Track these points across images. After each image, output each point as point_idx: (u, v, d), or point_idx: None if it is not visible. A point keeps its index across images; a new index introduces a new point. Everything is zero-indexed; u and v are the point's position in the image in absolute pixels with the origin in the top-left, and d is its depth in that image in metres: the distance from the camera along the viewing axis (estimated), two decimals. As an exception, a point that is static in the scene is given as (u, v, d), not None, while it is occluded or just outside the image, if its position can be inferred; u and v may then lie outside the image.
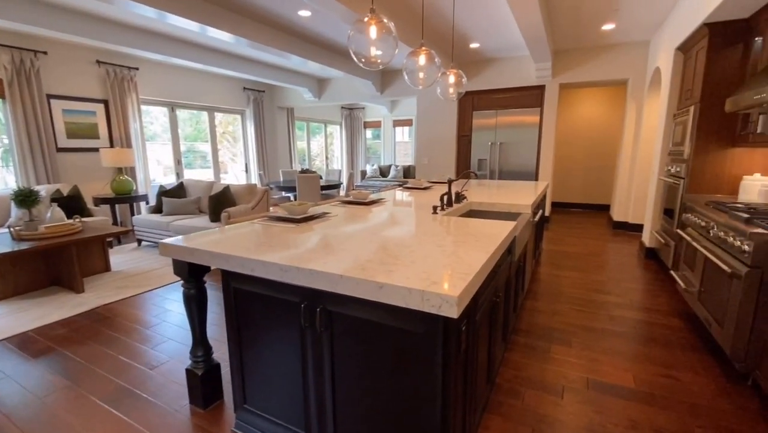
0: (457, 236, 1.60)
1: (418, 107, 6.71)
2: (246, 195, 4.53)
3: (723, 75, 3.05)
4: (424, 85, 2.93)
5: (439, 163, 6.77)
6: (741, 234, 1.94)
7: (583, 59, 5.50)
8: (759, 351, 1.84)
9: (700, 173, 3.23)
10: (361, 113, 10.87)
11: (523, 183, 4.14)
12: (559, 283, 3.46)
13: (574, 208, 7.64)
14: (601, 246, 4.75)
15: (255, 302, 1.44)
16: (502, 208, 2.70)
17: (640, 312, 2.83)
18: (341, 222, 1.94)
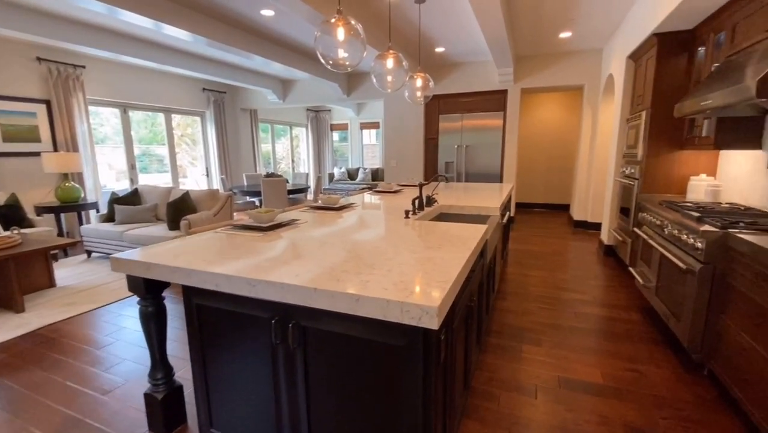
0: (432, 241, 1.58)
1: (385, 110, 6.71)
2: (207, 201, 4.32)
3: (671, 82, 3.26)
4: (392, 89, 2.91)
5: (407, 166, 6.80)
6: (694, 232, 2.05)
7: (542, 65, 5.71)
8: (713, 342, 1.95)
9: (652, 174, 3.42)
10: (327, 115, 10.75)
11: (490, 185, 4.22)
12: (527, 282, 3.54)
13: (536, 208, 7.93)
14: (564, 245, 4.94)
15: (220, 318, 1.34)
16: (472, 210, 2.72)
17: (602, 308, 2.95)
18: (311, 229, 1.87)
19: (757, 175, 2.60)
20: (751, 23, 2.27)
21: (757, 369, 1.58)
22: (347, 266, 1.25)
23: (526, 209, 7.88)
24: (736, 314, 1.78)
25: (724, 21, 2.59)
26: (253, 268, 1.24)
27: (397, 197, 3.18)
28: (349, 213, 2.39)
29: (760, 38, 2.15)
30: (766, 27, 2.10)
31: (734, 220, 2.01)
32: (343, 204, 2.68)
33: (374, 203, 2.84)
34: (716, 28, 2.72)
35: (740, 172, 2.83)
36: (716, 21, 2.71)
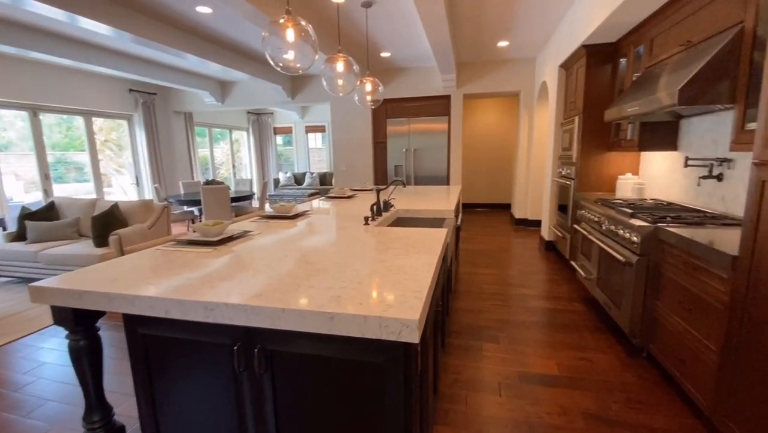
0: (398, 249, 1.55)
1: (332, 114, 6.61)
2: (140, 213, 3.93)
3: (599, 90, 3.56)
4: (343, 92, 2.86)
5: (357, 170, 6.75)
6: (629, 228, 2.24)
7: (482, 72, 5.98)
8: (651, 327, 2.14)
9: (586, 174, 3.72)
10: (270, 119, 10.36)
11: (440, 188, 4.31)
12: (479, 280, 3.66)
13: (480, 208, 8.28)
14: (508, 242, 5.19)
15: (172, 348, 1.19)
16: (428, 214, 2.75)
17: (549, 301, 3.12)
18: (267, 241, 1.76)
19: (674, 174, 2.92)
20: (666, 38, 2.55)
21: (690, 349, 1.76)
22: (314, 281, 1.17)
23: (471, 209, 8.20)
24: (669, 300, 1.96)
25: (643, 35, 2.88)
26: (207, 289, 1.12)
27: (351, 203, 3.12)
28: (305, 221, 2.29)
29: (674, 51, 2.41)
30: (679, 42, 2.36)
31: (661, 215, 2.23)
32: (297, 212, 2.56)
33: (329, 210, 2.76)
34: (636, 42, 3.02)
35: (660, 171, 3.16)
36: (636, 35, 3.01)
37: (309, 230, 2.02)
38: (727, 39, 1.88)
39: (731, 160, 2.29)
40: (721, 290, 1.56)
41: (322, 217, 2.45)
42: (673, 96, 2.00)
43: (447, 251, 2.05)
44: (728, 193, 2.32)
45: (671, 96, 2.02)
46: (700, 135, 2.60)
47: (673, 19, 2.46)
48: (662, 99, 2.13)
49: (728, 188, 2.32)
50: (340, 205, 3.02)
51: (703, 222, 2.04)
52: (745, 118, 1.84)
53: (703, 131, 2.57)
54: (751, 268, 1.38)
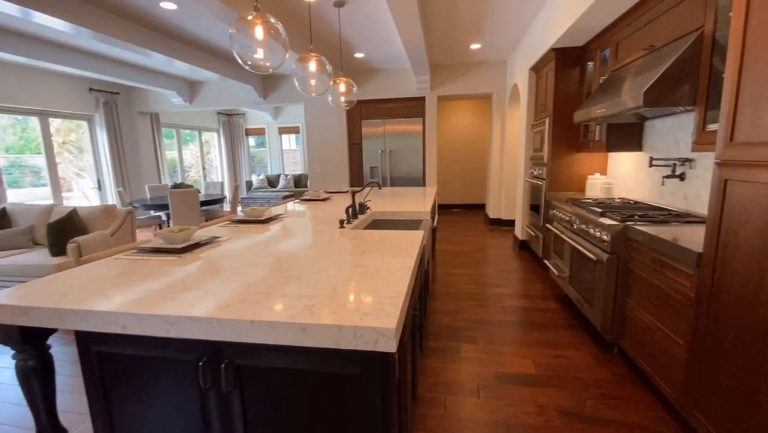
0: (373, 252, 1.52)
1: (306, 115, 6.50)
2: (102, 219, 3.71)
3: (568, 92, 3.65)
4: (316, 93, 2.80)
5: (332, 172, 6.67)
6: (599, 226, 2.30)
7: (456, 74, 6.04)
8: (621, 323, 2.20)
9: (556, 175, 3.80)
10: (241, 120, 10.10)
11: (416, 189, 4.31)
12: (456, 281, 3.68)
13: (455, 208, 8.37)
14: (483, 242, 5.26)
15: (130, 366, 1.11)
16: (404, 216, 2.73)
17: (525, 300, 3.17)
18: (237, 247, 1.68)
19: (640, 174, 3.03)
20: (630, 42, 2.63)
21: (659, 344, 1.81)
22: (286, 289, 1.12)
23: (446, 210, 8.27)
24: (638, 297, 2.02)
25: (609, 40, 2.97)
26: (170, 301, 1.05)
27: (326, 206, 3.06)
28: (278, 225, 2.21)
29: (638, 55, 2.49)
30: (643, 46, 2.45)
31: (629, 213, 2.30)
32: (270, 216, 2.48)
33: (303, 213, 2.69)
34: (602, 46, 3.11)
35: (626, 171, 3.27)
36: (602, 39, 3.10)
37: (282, 234, 1.95)
38: (688, 43, 1.95)
39: (692, 160, 2.39)
40: (687, 286, 1.61)
41: (296, 220, 2.38)
42: (638, 98, 2.06)
43: (424, 253, 2.03)
44: (690, 192, 2.41)
45: (636, 98, 2.08)
46: (663, 136, 2.70)
47: (636, 24, 2.55)
48: (628, 101, 2.19)
49: (690, 187, 2.41)
50: (314, 208, 2.95)
51: (668, 220, 2.11)
52: (705, 119, 1.91)
53: (665, 132, 2.67)
54: (715, 264, 1.43)
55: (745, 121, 1.30)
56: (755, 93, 1.25)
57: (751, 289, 1.26)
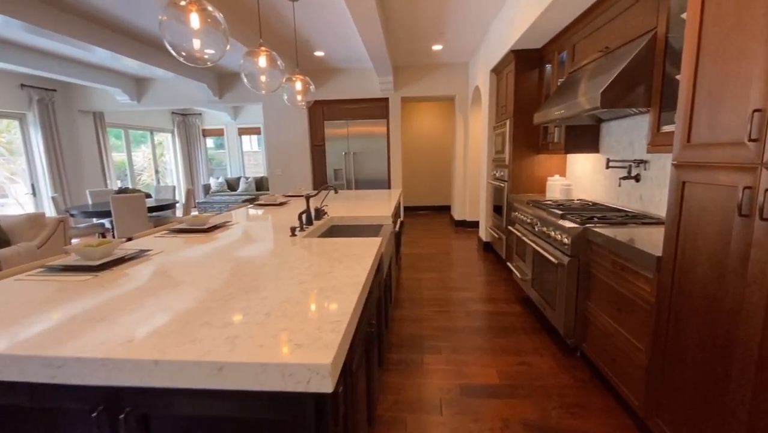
0: (322, 265, 1.37)
1: (265, 115, 6.23)
2: (27, 229, 3.32)
3: (528, 94, 3.66)
4: (267, 90, 2.61)
5: (294, 174, 6.43)
6: (560, 229, 2.26)
7: (419, 76, 5.99)
8: (583, 327, 2.17)
9: (518, 176, 3.81)
10: (198, 120, 9.60)
11: (380, 192, 4.19)
12: (420, 286, 3.58)
13: (422, 210, 8.34)
14: (449, 244, 5.22)
15: (6, 421, 0.89)
16: (365, 220, 2.59)
17: (489, 303, 3.12)
18: (167, 263, 1.47)
19: (597, 175, 3.06)
20: (587, 44, 2.64)
21: (620, 349, 1.77)
22: (210, 316, 0.95)
23: (412, 212, 8.23)
24: (599, 301, 1.99)
25: (566, 42, 2.98)
26: (62, 336, 0.85)
27: (282, 211, 2.86)
28: (223, 235, 2.01)
29: (594, 57, 2.50)
30: (598, 48, 2.45)
31: (589, 215, 2.28)
32: (215, 224, 2.26)
33: (255, 220, 2.49)
34: (560, 48, 3.13)
35: (584, 173, 3.31)
36: (559, 42, 3.11)
37: (223, 246, 1.75)
38: (642, 45, 1.95)
39: (647, 161, 2.41)
40: (646, 290, 1.57)
41: (244, 228, 2.18)
42: (595, 99, 2.04)
43: (382, 261, 1.90)
44: (645, 193, 2.44)
45: (593, 99, 2.06)
46: (618, 138, 2.73)
47: (592, 25, 2.55)
48: (585, 102, 2.17)
49: (645, 188, 2.44)
50: (268, 213, 2.75)
51: (625, 222, 2.11)
52: (660, 121, 1.91)
53: (621, 134, 2.70)
54: (675, 269, 1.39)
55: (702, 122, 1.26)
56: (712, 93, 1.22)
57: (711, 295, 1.22)
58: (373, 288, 1.54)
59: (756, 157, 1.06)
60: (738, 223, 1.12)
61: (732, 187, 1.14)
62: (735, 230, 1.13)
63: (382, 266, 1.90)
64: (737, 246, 1.12)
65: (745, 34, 1.09)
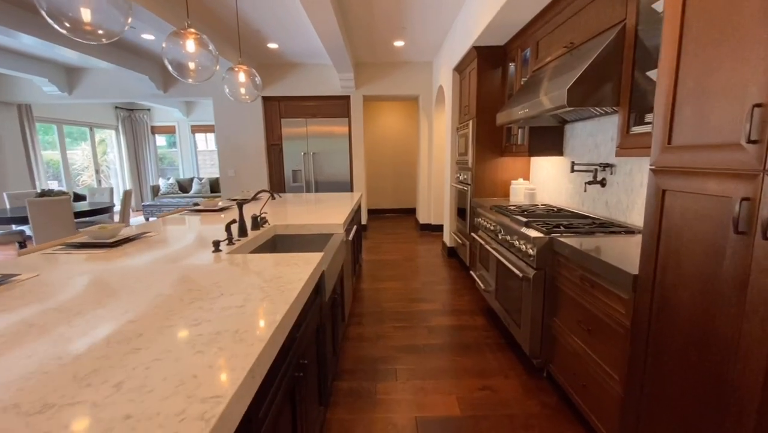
0: (235, 295, 1.07)
1: (216, 111, 5.76)
2: None
3: (491, 94, 3.50)
4: (196, 79, 2.26)
5: (248, 175, 5.99)
6: (525, 239, 2.07)
7: (381, 74, 5.75)
8: (550, 346, 1.98)
9: (481, 179, 3.64)
10: (146, 116, 8.88)
11: (340, 195, 3.90)
12: (381, 297, 3.32)
13: (387, 213, 8.11)
14: (413, 250, 5.01)
15: None
16: (314, 229, 2.30)
17: (452, 316, 2.91)
18: (31, 295, 1.12)
19: (562, 179, 2.92)
20: (551, 40, 2.48)
21: (592, 376, 1.59)
22: (51, 395, 0.63)
23: (377, 215, 7.98)
24: (567, 319, 1.81)
25: (529, 38, 2.83)
26: None
27: (220, 218, 2.51)
28: (132, 250, 1.65)
29: (559, 53, 2.34)
30: (563, 43, 2.29)
31: (555, 223, 2.11)
32: (127, 236, 1.89)
33: (182, 229, 2.13)
34: (523, 45, 2.97)
35: (548, 176, 3.18)
36: (522, 38, 2.96)
37: (122, 267, 1.41)
38: (609, 39, 1.78)
39: (613, 165, 2.28)
40: (621, 312, 1.39)
41: (164, 241, 1.82)
42: (561, 98, 1.86)
43: (323, 280, 1.62)
44: (611, 199, 2.30)
45: (559, 98, 1.88)
46: (583, 140, 2.60)
47: (556, 20, 2.40)
48: (549, 101, 1.99)
49: (611, 193, 2.31)
50: (201, 221, 2.39)
51: (593, 231, 1.94)
52: (629, 121, 1.76)
53: (585, 136, 2.57)
54: (654, 290, 1.21)
55: (686, 120, 1.08)
56: (699, 84, 1.03)
57: (699, 324, 1.04)
58: (302, 322, 1.26)
59: (756, 163, 0.87)
60: (734, 241, 0.93)
61: (725, 198, 0.96)
62: (729, 250, 0.94)
63: (323, 286, 1.62)
64: (732, 269, 0.93)
65: (742, 6, 0.91)
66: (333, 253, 1.86)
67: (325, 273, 1.62)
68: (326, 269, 1.66)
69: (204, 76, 2.28)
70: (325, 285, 1.64)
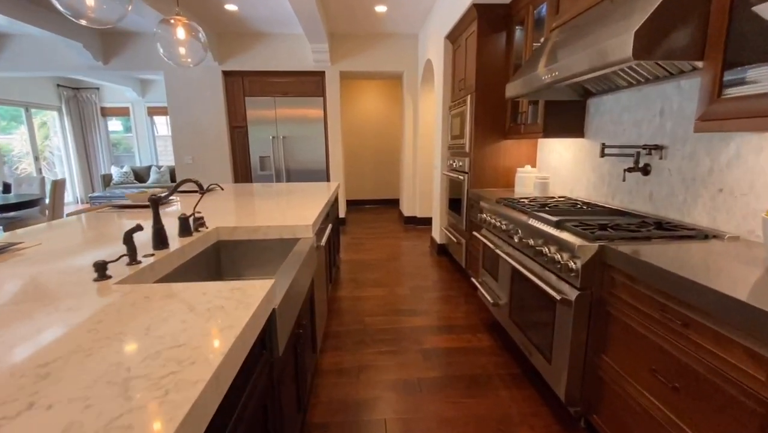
0: (59, 410, 0.46)
1: (168, 87, 4.96)
2: None
3: (493, 63, 2.93)
4: (94, 19, 1.57)
5: (209, 163, 5.25)
6: (560, 245, 1.53)
7: (361, 47, 5.08)
8: (594, 391, 1.46)
9: (480, 167, 3.09)
10: (94, 95, 7.88)
11: (312, 186, 3.28)
12: (362, 309, 2.76)
13: (368, 204, 7.51)
14: (397, 247, 4.45)
15: None
16: (272, 232, 1.70)
17: (450, 335, 2.37)
18: None
19: (582, 166, 2.40)
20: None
21: (654, 429, 1.07)
22: None
23: (357, 206, 7.37)
24: (628, 360, 1.28)
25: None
26: None
27: (145, 217, 1.86)
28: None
29: (594, 1, 1.77)
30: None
31: (595, 223, 1.58)
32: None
33: (83, 237, 1.47)
34: (536, 1, 2.40)
35: (562, 163, 2.66)
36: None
37: None
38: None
39: (663, 147, 1.76)
40: (757, 377, 0.86)
41: (32, 259, 1.17)
42: (620, 47, 1.31)
43: (273, 322, 1.02)
44: (658, 190, 1.80)
45: (617, 48, 1.33)
46: (615, 116, 2.07)
47: (592, -44, 1.83)
48: (597, 56, 1.44)
49: (657, 184, 1.80)
50: (119, 223, 1.73)
51: (649, 234, 1.42)
52: (721, 81, 1.22)
53: (619, 111, 2.04)
54: None
55: None
56: None
57: None
58: (242, 403, 0.67)
59: None
60: None
61: None
62: None
63: (273, 331, 1.02)
64: None
65: None
66: (296, 269, 1.27)
67: (277, 313, 1.02)
68: (283, 300, 1.07)
69: (109, 16, 1.59)
70: (277, 331, 1.04)
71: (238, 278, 1.80)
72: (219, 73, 4.98)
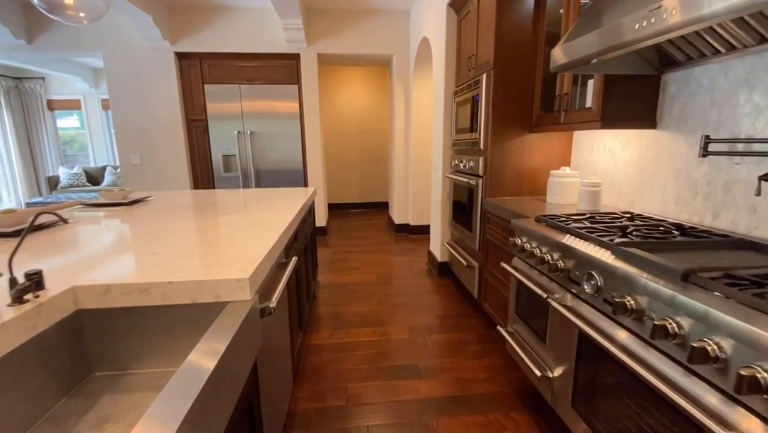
0: None
1: (108, 71, 4.08)
2: None
3: (516, 31, 2.20)
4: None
5: (161, 163, 4.39)
6: (728, 334, 0.81)
7: (343, 24, 4.30)
8: None
9: (499, 169, 2.36)
10: (39, 86, 6.87)
11: (279, 194, 2.50)
12: (344, 368, 2.00)
13: (353, 209, 6.74)
14: (389, 264, 3.70)
15: None
16: (177, 293, 0.94)
17: (471, 416, 1.64)
18: None
19: (656, 170, 1.68)
20: None
21: None
22: None
23: (341, 211, 6.59)
24: None
25: None
26: None
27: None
28: None
29: None
30: None
31: (744, 276, 0.86)
32: None
33: None
34: (592, -70, 1.67)
35: (614, 164, 1.95)
36: None
37: None
38: None
39: (839, 141, 1.05)
40: None
41: None
42: None
43: None
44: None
45: None
46: (722, 96, 1.36)
47: None
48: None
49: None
50: None
51: None
52: None
53: (730, 87, 1.33)
54: None
55: None
56: None
57: None
58: None
59: None
60: None
61: None
62: None
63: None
64: None
65: None
66: (217, 358, 0.50)
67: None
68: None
69: None
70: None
71: (120, 371, 1.03)
72: (171, 54, 4.13)
